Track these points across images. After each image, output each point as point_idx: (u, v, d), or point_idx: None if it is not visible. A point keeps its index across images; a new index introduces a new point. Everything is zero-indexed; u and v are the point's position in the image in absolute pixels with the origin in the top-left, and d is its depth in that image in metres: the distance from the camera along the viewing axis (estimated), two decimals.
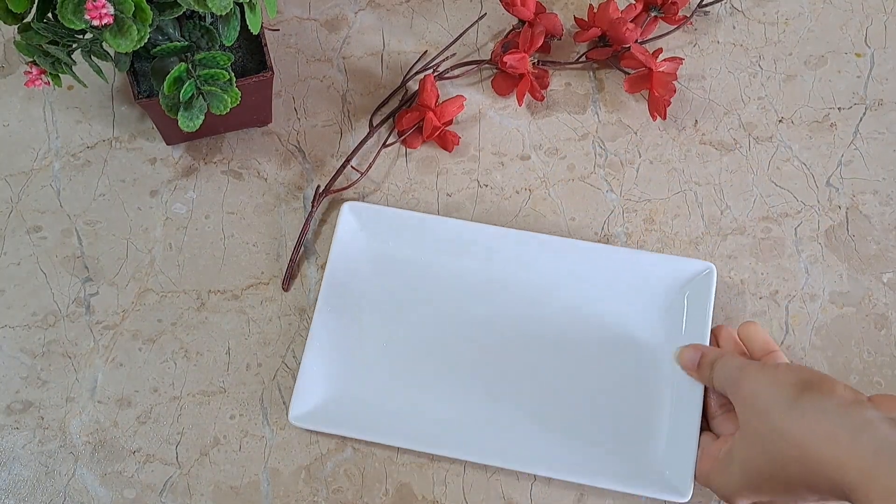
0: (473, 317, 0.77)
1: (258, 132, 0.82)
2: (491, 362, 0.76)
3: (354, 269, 0.77)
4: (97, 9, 0.56)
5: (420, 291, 0.77)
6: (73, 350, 0.76)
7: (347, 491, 0.73)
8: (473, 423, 0.74)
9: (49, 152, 0.80)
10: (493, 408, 0.74)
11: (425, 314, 0.77)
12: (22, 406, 0.74)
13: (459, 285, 0.78)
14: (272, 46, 0.77)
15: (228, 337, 0.77)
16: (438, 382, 0.75)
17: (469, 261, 0.78)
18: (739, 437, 0.64)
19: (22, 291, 0.77)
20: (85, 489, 0.72)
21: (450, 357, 0.76)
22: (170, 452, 0.74)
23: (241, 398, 0.75)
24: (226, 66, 0.66)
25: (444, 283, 0.78)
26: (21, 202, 0.79)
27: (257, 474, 0.74)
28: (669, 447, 0.71)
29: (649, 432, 0.73)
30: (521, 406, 0.74)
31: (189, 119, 0.67)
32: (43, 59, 0.64)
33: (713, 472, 0.67)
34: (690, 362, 0.71)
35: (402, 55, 0.85)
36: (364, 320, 0.76)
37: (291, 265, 0.78)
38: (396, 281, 0.78)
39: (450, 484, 0.74)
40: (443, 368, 0.75)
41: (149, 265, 0.78)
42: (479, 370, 0.75)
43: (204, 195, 0.80)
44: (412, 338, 0.76)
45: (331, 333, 0.75)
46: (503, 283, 0.78)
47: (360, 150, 0.81)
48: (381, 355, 0.76)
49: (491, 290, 0.77)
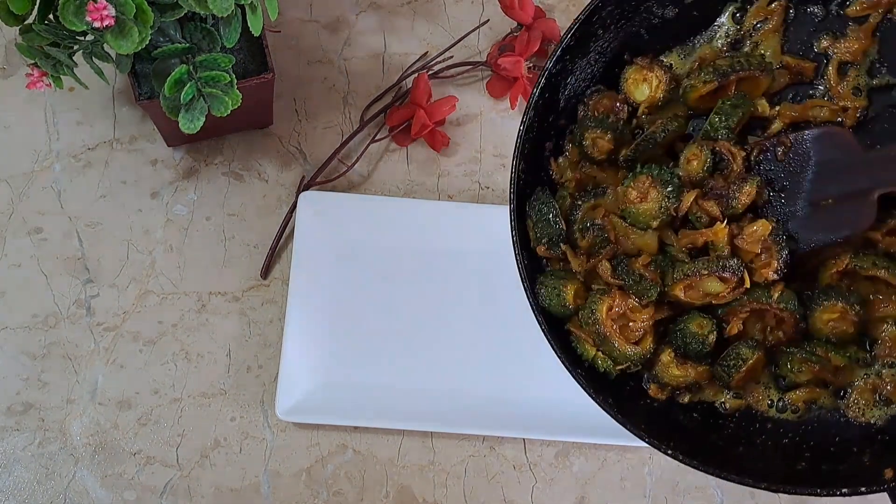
0: (440, 291, 0.78)
1: (259, 134, 0.82)
2: (464, 333, 0.77)
3: (320, 258, 0.78)
4: (98, 10, 0.56)
5: (386, 272, 0.78)
6: (73, 352, 0.76)
7: (348, 493, 0.73)
8: (454, 394, 0.75)
9: (50, 154, 0.80)
10: (474, 377, 0.76)
11: (392, 294, 0.78)
12: (22, 408, 0.74)
13: (424, 262, 0.79)
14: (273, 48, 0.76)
15: (229, 339, 0.77)
16: (415, 358, 0.77)
17: (431, 238, 0.79)
18: None
19: (23, 293, 0.77)
20: (85, 491, 0.72)
21: (422, 332, 0.77)
22: (170, 454, 0.74)
23: (241, 400, 0.75)
24: (227, 68, 0.66)
25: (409, 262, 0.79)
26: (22, 204, 0.79)
27: (258, 476, 0.73)
28: None
29: None
30: (505, 374, 0.76)
31: (190, 121, 0.67)
32: (44, 60, 0.64)
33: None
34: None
35: (403, 57, 0.85)
36: (334, 308, 0.77)
37: (271, 254, 0.78)
38: (361, 265, 0.78)
39: (451, 486, 0.74)
40: (416, 344, 0.77)
41: (149, 267, 0.78)
42: (452, 342, 0.77)
43: (205, 197, 0.80)
44: (382, 319, 0.77)
45: (305, 325, 0.76)
46: (465, 255, 0.79)
47: (358, 148, 0.81)
48: (356, 340, 0.77)
49: (454, 264, 0.79)
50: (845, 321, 0.60)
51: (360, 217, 0.78)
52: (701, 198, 0.59)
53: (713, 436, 0.63)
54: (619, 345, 0.60)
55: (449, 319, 0.78)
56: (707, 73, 0.62)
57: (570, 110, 0.66)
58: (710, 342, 0.60)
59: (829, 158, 0.59)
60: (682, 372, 0.61)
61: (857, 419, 0.62)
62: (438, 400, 0.75)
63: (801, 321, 0.60)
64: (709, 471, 0.58)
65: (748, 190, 0.59)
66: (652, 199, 0.59)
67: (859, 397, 0.62)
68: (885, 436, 0.61)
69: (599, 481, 0.76)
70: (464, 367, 0.77)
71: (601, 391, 0.60)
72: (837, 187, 0.59)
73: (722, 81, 0.62)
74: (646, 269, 0.59)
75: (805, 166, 0.60)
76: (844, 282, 0.61)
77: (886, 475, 0.57)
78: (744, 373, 0.60)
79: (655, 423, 0.61)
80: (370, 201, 0.79)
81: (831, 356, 0.60)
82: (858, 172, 0.58)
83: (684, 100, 0.63)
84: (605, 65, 0.65)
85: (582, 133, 0.63)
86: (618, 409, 0.60)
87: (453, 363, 0.77)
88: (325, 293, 0.77)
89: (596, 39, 0.63)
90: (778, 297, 0.59)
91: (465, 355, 0.77)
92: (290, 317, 0.75)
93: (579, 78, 0.65)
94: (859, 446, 0.61)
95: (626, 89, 0.65)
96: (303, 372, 0.74)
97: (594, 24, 0.62)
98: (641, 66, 0.65)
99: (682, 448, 0.59)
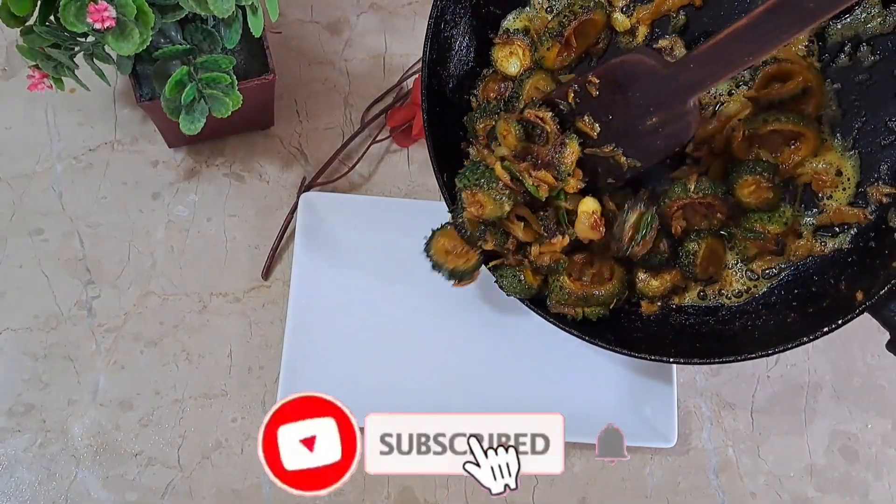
0: (441, 291, 0.77)
1: (260, 135, 0.82)
2: (465, 333, 0.78)
3: (321, 259, 0.78)
4: (99, 12, 0.56)
5: (387, 273, 0.78)
6: (74, 353, 0.76)
7: (349, 494, 0.73)
8: (455, 394, 0.75)
9: (51, 155, 0.80)
10: (475, 377, 0.77)
11: (394, 295, 0.78)
12: (24, 409, 0.74)
13: (426, 263, 0.78)
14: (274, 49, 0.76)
15: (230, 339, 0.77)
16: (416, 358, 0.77)
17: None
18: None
19: (24, 294, 0.77)
20: (87, 492, 0.72)
21: (423, 332, 0.77)
22: (172, 455, 0.74)
23: (243, 401, 0.75)
24: (227, 70, 0.66)
25: (410, 263, 0.78)
26: (23, 205, 0.79)
27: (259, 477, 0.74)
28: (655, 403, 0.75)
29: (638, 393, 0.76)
30: (506, 373, 0.77)
31: (191, 122, 0.67)
32: (45, 62, 0.64)
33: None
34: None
35: (404, 58, 0.85)
36: (335, 308, 0.77)
37: (272, 255, 0.78)
38: (363, 266, 0.78)
39: (451, 487, 0.74)
40: (417, 344, 0.77)
41: (150, 268, 0.78)
42: (453, 342, 0.77)
43: (206, 198, 0.80)
44: (383, 319, 0.77)
45: (306, 326, 0.75)
46: None
47: (359, 149, 0.81)
48: (357, 340, 0.77)
49: None
50: (763, 189, 0.64)
51: (361, 218, 0.78)
52: (532, 170, 0.63)
53: (707, 329, 0.69)
54: (598, 293, 0.67)
55: (450, 319, 0.78)
56: (547, 40, 0.67)
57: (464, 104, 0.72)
58: (664, 250, 0.66)
59: (637, 84, 0.62)
60: (659, 282, 0.69)
61: (823, 253, 0.67)
62: (440, 400, 0.75)
63: (730, 198, 0.65)
64: (714, 361, 0.65)
65: (570, 150, 0.62)
66: (488, 205, 0.63)
67: (813, 238, 0.67)
68: (853, 256, 0.65)
69: (601, 482, 0.76)
70: (465, 367, 0.77)
71: (598, 334, 0.67)
72: (655, 108, 0.61)
73: (561, 40, 0.67)
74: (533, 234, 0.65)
75: (620, 96, 0.63)
76: (755, 148, 0.66)
77: (857, 297, 0.61)
78: (702, 262, 0.66)
79: (653, 342, 0.68)
80: (371, 202, 0.79)
81: (767, 227, 0.65)
82: (667, 89, 0.60)
83: (545, 68, 0.68)
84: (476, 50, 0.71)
85: (472, 126, 0.69)
86: (619, 342, 0.67)
87: (454, 363, 0.77)
88: (327, 294, 0.77)
89: (452, 39, 0.69)
90: (695, 188, 0.64)
91: (467, 355, 0.77)
92: (291, 317, 0.75)
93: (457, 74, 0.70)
94: (835, 276, 0.65)
95: (501, 67, 0.70)
96: (304, 373, 0.74)
97: (443, 27, 0.68)
98: (501, 42, 0.70)
99: (682, 353, 0.66)
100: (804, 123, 0.65)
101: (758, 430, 0.78)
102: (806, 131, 0.65)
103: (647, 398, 0.75)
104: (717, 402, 0.79)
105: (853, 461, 0.78)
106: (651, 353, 0.66)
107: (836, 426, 0.79)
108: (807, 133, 0.65)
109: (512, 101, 0.68)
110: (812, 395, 0.79)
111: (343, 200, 0.79)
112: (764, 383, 0.79)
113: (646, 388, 0.76)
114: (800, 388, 0.80)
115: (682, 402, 0.78)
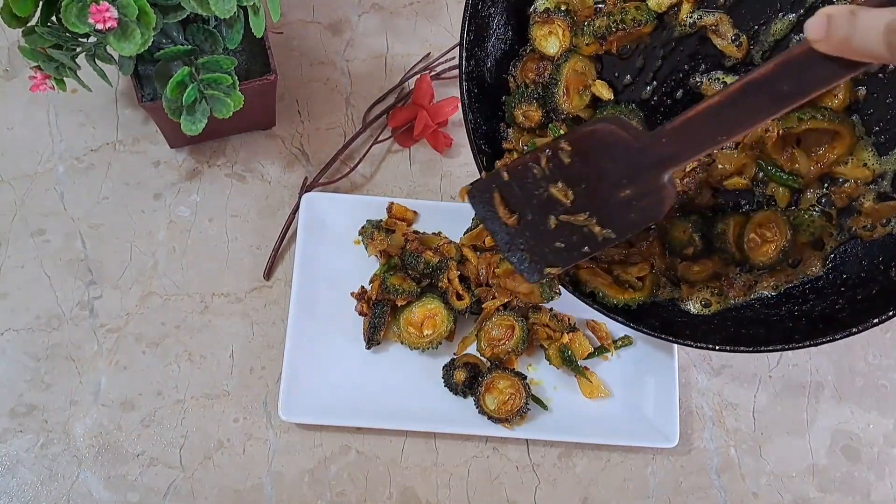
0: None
1: (262, 135, 0.82)
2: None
3: (323, 259, 0.78)
4: (101, 12, 0.56)
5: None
6: (76, 353, 0.76)
7: (351, 494, 0.73)
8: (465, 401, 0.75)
9: (53, 156, 0.80)
10: None
11: None
12: (26, 409, 0.74)
13: None
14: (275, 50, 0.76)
15: (232, 340, 0.77)
16: (418, 359, 0.76)
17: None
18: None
19: (26, 295, 0.77)
20: (89, 492, 0.72)
21: None
22: (173, 456, 0.74)
23: (244, 401, 0.75)
24: (229, 70, 0.66)
25: None
26: (25, 205, 0.79)
27: (261, 477, 0.74)
28: (657, 403, 0.75)
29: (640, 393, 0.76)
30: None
31: (192, 123, 0.67)
32: (47, 63, 0.64)
33: None
34: (816, 31, 0.49)
35: (406, 58, 0.85)
36: (336, 309, 0.77)
37: (274, 255, 0.78)
38: (364, 266, 0.78)
39: (453, 487, 0.74)
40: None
41: (152, 268, 0.78)
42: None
43: (207, 198, 0.80)
44: None
45: (308, 326, 0.75)
46: None
47: (361, 149, 0.81)
48: (359, 340, 0.76)
49: None
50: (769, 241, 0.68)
51: (362, 218, 0.78)
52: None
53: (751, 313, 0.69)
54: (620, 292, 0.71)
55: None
56: (589, 37, 0.67)
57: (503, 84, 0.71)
58: (697, 241, 0.69)
59: (609, 154, 0.59)
60: (700, 267, 0.71)
61: (871, 238, 0.67)
62: (441, 400, 0.75)
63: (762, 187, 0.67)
64: (760, 350, 0.65)
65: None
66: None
67: (864, 221, 0.67)
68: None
69: (602, 482, 0.76)
70: None
71: (642, 320, 0.69)
72: (627, 180, 0.59)
73: (602, 42, 0.67)
74: None
75: (592, 165, 0.60)
76: (788, 149, 0.66)
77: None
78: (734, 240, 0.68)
79: (697, 329, 0.69)
80: (373, 202, 0.79)
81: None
82: (639, 162, 0.58)
83: (580, 54, 0.69)
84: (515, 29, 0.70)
85: (511, 111, 0.69)
86: (663, 329, 0.67)
87: None
88: (328, 294, 0.77)
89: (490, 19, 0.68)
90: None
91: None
92: (292, 318, 0.75)
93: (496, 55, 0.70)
94: (884, 262, 0.65)
95: (539, 47, 0.70)
96: (306, 373, 0.74)
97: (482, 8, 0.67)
98: (541, 20, 0.69)
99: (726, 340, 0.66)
100: (839, 121, 0.63)
101: (760, 429, 0.78)
102: (841, 129, 0.63)
103: (648, 398, 0.75)
104: (719, 401, 0.79)
105: (855, 461, 0.78)
106: (695, 341, 0.65)
107: (838, 426, 0.79)
108: (842, 131, 0.63)
109: (550, 87, 0.66)
110: (814, 395, 0.79)
111: (345, 201, 0.79)
112: (766, 383, 0.79)
113: (648, 388, 0.76)
114: (802, 388, 0.79)
115: (684, 401, 0.78)
